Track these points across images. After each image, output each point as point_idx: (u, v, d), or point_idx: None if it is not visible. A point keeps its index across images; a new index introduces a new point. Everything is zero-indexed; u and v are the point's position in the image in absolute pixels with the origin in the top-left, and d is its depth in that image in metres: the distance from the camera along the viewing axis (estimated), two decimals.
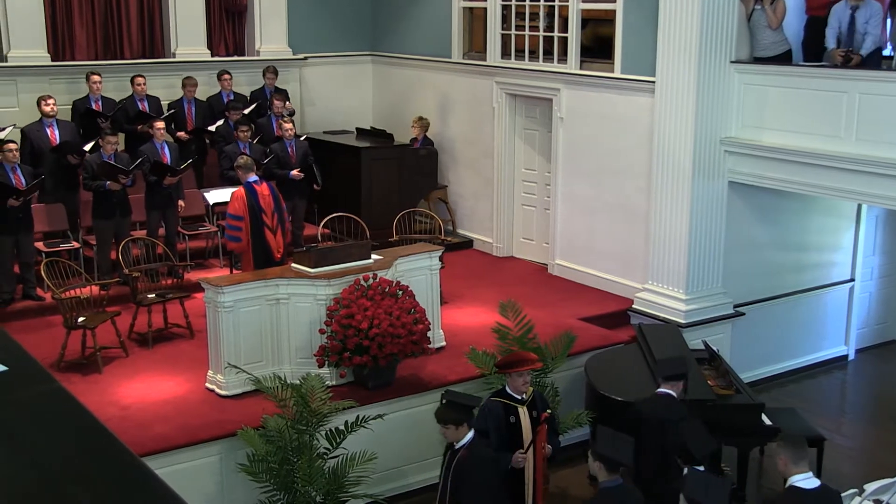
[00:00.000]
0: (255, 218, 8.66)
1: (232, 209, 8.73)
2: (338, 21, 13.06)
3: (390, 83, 13.11)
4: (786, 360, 10.20)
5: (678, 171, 9.16)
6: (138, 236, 9.69)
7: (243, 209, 8.64)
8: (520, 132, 11.40)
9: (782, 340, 10.09)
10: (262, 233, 8.70)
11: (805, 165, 8.45)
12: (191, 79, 11.27)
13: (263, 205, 8.70)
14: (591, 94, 10.20)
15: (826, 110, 8.28)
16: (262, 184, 8.80)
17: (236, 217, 8.67)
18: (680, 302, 9.26)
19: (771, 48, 8.95)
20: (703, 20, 8.75)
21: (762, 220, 9.66)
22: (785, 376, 10.16)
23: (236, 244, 8.78)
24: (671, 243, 9.32)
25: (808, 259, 10.18)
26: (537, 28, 10.88)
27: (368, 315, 7.40)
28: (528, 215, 11.50)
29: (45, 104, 10.00)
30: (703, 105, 8.94)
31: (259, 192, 8.71)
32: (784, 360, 10.18)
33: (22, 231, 9.12)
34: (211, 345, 7.74)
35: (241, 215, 8.64)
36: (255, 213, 8.66)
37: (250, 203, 8.64)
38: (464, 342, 8.47)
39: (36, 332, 8.76)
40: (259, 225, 8.68)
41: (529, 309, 8.40)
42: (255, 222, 8.67)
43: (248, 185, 8.70)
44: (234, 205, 8.71)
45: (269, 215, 8.71)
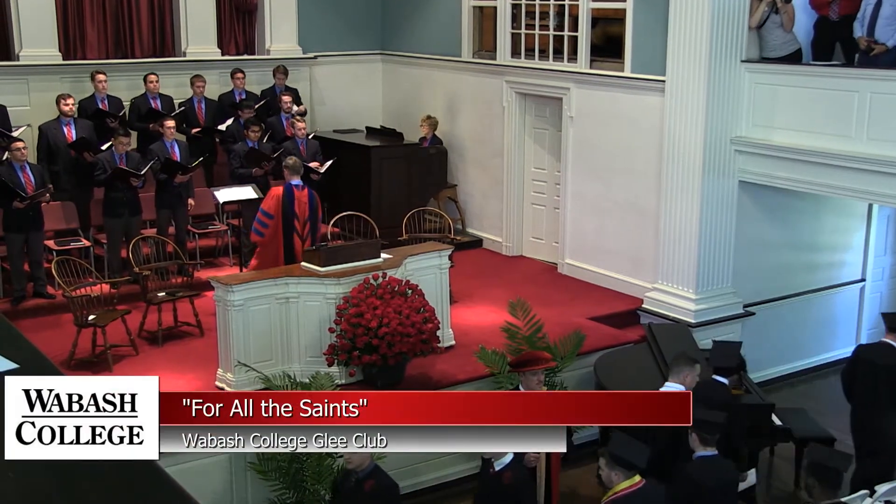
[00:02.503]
0: (286, 221, 8.62)
1: (265, 205, 8.68)
2: (348, 20, 13.07)
3: (400, 82, 13.12)
4: (796, 360, 10.17)
5: (688, 171, 9.14)
6: (148, 235, 9.72)
7: (276, 209, 8.59)
8: (529, 131, 11.40)
9: (792, 340, 10.06)
10: (291, 237, 8.64)
11: (816, 165, 8.43)
12: (199, 77, 11.29)
13: (298, 210, 8.64)
14: (601, 93, 10.19)
15: (837, 109, 8.25)
16: (303, 189, 8.73)
17: (267, 214, 8.60)
18: (690, 301, 9.25)
19: (781, 48, 8.93)
20: (714, 19, 8.74)
21: (772, 219, 9.64)
22: (795, 376, 10.14)
23: (258, 238, 8.72)
24: (681, 243, 9.30)
25: (818, 259, 10.15)
26: (547, 27, 10.88)
27: (378, 314, 7.40)
28: (537, 214, 11.49)
29: (63, 103, 10.06)
30: (713, 104, 8.92)
31: (297, 196, 8.65)
32: (794, 360, 10.15)
33: (32, 229, 9.16)
34: (220, 343, 7.76)
35: (273, 214, 8.60)
36: (287, 217, 8.61)
37: (284, 204, 8.59)
38: (473, 341, 8.48)
39: (47, 330, 8.79)
40: (289, 229, 8.63)
41: (539, 308, 8.40)
42: (285, 225, 8.62)
43: (288, 187, 8.66)
44: (268, 202, 8.68)
45: (300, 221, 8.66)
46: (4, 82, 10.79)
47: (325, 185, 10.66)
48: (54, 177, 9.81)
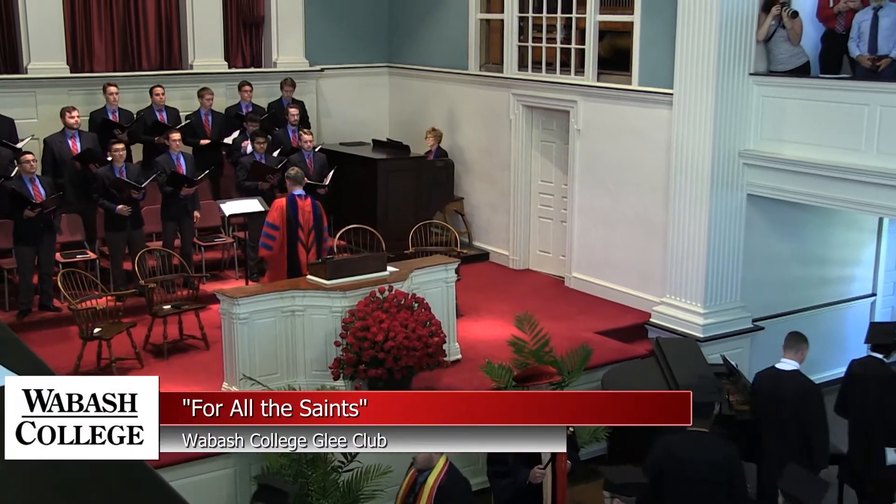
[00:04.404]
0: (290, 231, 8.68)
1: (270, 218, 8.75)
2: (355, 33, 13.15)
3: (407, 95, 13.18)
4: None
5: (696, 184, 9.16)
6: (154, 247, 9.78)
7: (281, 220, 8.65)
8: (536, 144, 11.43)
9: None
10: (295, 247, 8.70)
11: (825, 178, 8.44)
12: (207, 90, 11.38)
13: (302, 220, 8.70)
14: (609, 106, 10.22)
15: (846, 123, 8.28)
16: (306, 199, 8.80)
17: (272, 226, 8.67)
18: (698, 316, 9.25)
19: (788, 62, 8.95)
20: (722, 32, 8.77)
21: (781, 233, 9.64)
22: None
23: (267, 252, 8.77)
24: (689, 257, 9.31)
25: (828, 273, 10.15)
26: (554, 40, 10.93)
27: (384, 327, 7.43)
28: (544, 227, 11.51)
29: (69, 116, 10.13)
30: (721, 117, 8.95)
31: (301, 206, 8.71)
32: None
33: (44, 242, 9.22)
34: (226, 356, 7.80)
35: (278, 225, 8.65)
36: (291, 227, 8.67)
37: (289, 215, 8.65)
38: (480, 355, 8.49)
39: (52, 342, 8.85)
40: (293, 239, 8.68)
41: (546, 322, 8.41)
42: (289, 235, 8.68)
43: (291, 198, 8.71)
44: (272, 214, 8.75)
45: (304, 231, 8.71)
46: (12, 95, 10.89)
47: (332, 197, 10.72)
48: (60, 189, 9.86)
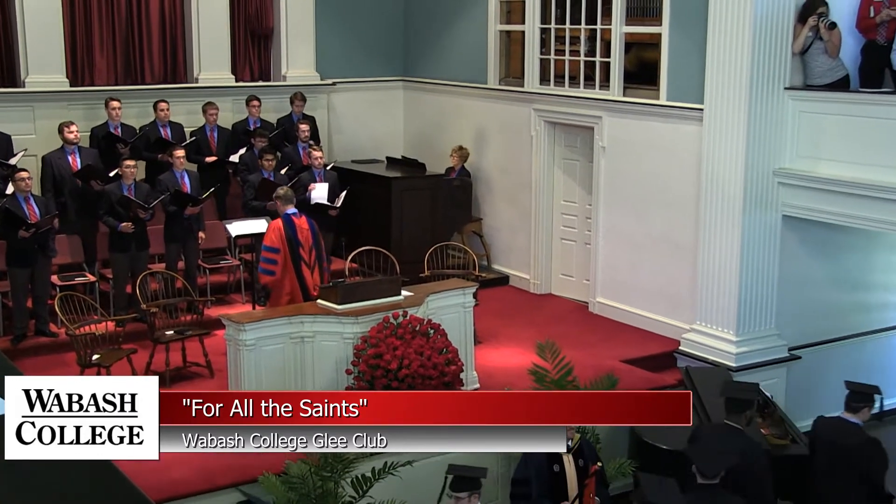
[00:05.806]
0: (292, 251, 8.68)
1: (268, 241, 8.75)
2: (368, 45, 13.19)
3: (423, 110, 13.21)
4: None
5: (728, 204, 9.11)
6: (156, 270, 9.78)
7: (280, 241, 8.66)
8: (559, 162, 11.42)
9: (841, 387, 9.90)
10: (299, 267, 8.71)
11: (865, 198, 8.38)
12: (212, 104, 11.38)
13: (301, 238, 8.71)
14: (635, 122, 10.21)
15: (888, 139, 8.22)
16: (301, 217, 8.82)
17: (272, 249, 8.67)
18: (730, 344, 9.18)
19: (826, 75, 8.89)
20: (755, 44, 8.74)
21: (819, 256, 9.57)
22: None
23: (270, 278, 8.75)
24: (721, 281, 9.25)
25: (870, 299, 10.05)
26: (578, 52, 10.94)
27: (398, 355, 7.40)
28: (567, 250, 11.48)
29: (67, 131, 10.15)
30: (754, 134, 8.91)
31: (297, 224, 8.73)
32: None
33: (38, 264, 9.24)
34: (231, 385, 7.77)
35: (278, 247, 8.65)
36: (292, 247, 8.67)
37: (288, 235, 8.66)
38: (499, 384, 8.44)
39: (49, 369, 8.79)
40: (296, 259, 8.69)
41: (568, 350, 8.35)
42: (293, 256, 8.69)
43: (287, 217, 8.73)
44: (269, 236, 8.75)
45: (306, 250, 8.72)
46: (9, 110, 10.92)
47: (343, 218, 10.72)
48: (61, 208, 9.88)
